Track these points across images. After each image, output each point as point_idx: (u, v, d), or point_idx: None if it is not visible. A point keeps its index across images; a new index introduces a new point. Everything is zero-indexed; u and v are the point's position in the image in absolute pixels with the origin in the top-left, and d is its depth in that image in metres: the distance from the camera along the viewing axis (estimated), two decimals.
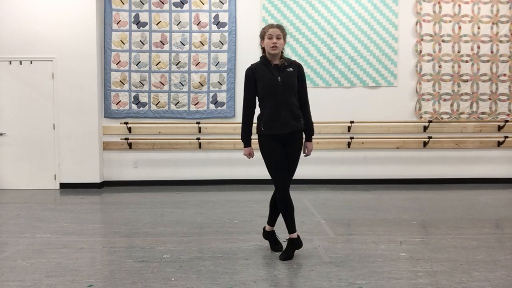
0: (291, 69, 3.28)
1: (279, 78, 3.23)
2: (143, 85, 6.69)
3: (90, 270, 3.13)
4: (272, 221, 3.56)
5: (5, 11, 6.42)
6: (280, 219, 3.42)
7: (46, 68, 6.50)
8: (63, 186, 6.58)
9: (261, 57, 3.36)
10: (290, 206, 3.30)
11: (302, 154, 3.42)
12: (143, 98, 6.71)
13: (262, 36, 3.29)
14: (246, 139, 3.37)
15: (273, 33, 3.23)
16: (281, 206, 3.31)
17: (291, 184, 3.36)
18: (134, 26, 6.65)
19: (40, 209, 5.21)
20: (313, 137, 3.46)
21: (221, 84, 6.69)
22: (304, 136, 3.42)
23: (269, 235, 3.61)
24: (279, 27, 3.29)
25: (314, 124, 3.44)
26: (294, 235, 3.35)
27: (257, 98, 3.37)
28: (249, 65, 3.38)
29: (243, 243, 3.77)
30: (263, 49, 3.33)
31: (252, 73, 3.31)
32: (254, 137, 3.34)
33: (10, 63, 6.49)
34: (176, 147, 6.75)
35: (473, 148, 6.81)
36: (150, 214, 4.93)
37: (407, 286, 2.83)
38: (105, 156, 6.77)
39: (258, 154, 3.37)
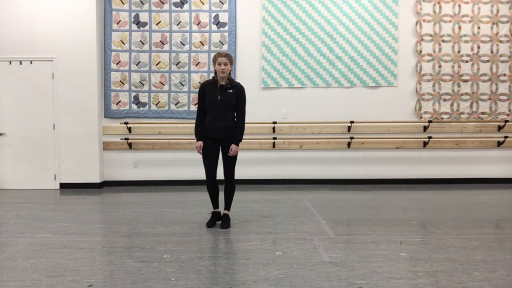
0: (231, 90, 4.10)
1: (219, 97, 4.08)
2: (143, 85, 6.70)
3: (90, 270, 3.13)
4: (215, 204, 4.41)
5: (5, 11, 6.42)
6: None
7: (46, 68, 6.50)
8: (63, 186, 6.58)
9: (213, 77, 4.19)
10: (214, 189, 4.33)
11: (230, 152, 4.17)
12: (143, 98, 6.72)
13: (214, 62, 4.10)
14: (198, 136, 4.25)
15: (222, 61, 4.03)
16: (208, 189, 4.33)
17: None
18: (134, 26, 6.65)
19: (40, 209, 5.21)
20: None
21: None
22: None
23: (217, 215, 4.40)
24: (227, 55, 4.07)
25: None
26: (218, 211, 4.41)
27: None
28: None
29: (243, 243, 3.77)
30: (215, 71, 4.11)
31: (203, 89, 4.16)
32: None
33: (10, 63, 6.49)
34: (176, 147, 6.75)
35: (473, 148, 6.81)
36: (150, 214, 4.93)
37: (407, 286, 2.83)
38: (105, 156, 6.77)
39: (257, 154, 3.38)
